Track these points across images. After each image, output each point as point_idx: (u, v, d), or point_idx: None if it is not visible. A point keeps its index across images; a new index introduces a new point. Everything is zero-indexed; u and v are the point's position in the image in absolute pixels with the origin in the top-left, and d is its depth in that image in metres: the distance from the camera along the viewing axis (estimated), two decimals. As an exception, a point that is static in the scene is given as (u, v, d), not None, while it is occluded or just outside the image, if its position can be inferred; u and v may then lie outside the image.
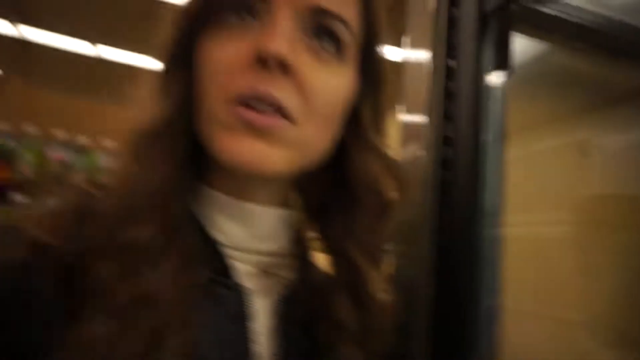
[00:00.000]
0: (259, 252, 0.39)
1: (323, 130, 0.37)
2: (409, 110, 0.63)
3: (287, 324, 0.39)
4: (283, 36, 0.33)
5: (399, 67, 0.64)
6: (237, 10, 0.35)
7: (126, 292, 0.31)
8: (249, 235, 0.39)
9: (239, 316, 0.37)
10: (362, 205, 0.41)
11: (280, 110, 0.34)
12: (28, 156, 2.00)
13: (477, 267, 0.59)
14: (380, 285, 0.41)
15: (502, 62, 0.60)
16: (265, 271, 0.40)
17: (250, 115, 0.33)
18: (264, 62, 0.33)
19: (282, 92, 0.34)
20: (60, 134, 2.10)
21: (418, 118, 0.60)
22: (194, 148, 0.38)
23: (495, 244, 0.64)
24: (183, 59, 0.37)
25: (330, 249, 0.43)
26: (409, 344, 0.57)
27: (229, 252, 0.38)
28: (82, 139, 2.14)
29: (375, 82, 0.41)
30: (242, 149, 0.34)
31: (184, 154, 0.37)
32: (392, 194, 0.41)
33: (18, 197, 1.99)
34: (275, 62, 0.33)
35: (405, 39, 0.67)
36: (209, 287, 0.36)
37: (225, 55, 0.35)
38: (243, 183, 0.39)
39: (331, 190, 0.43)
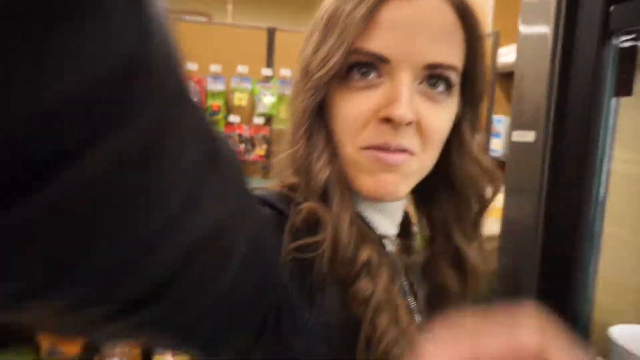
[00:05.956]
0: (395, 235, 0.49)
1: (435, 152, 0.44)
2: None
3: (415, 282, 0.51)
4: (406, 101, 0.38)
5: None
6: (362, 71, 0.40)
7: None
8: (390, 223, 0.48)
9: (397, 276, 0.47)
10: (465, 200, 0.48)
11: (406, 151, 0.41)
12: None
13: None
14: (477, 259, 0.50)
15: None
16: (398, 248, 0.50)
17: (382, 154, 0.40)
18: (391, 122, 0.39)
19: (406, 139, 0.40)
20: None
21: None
22: None
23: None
24: (319, 113, 0.43)
25: (434, 230, 0.51)
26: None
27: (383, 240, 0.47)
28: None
29: (474, 99, 0.46)
30: (378, 184, 0.41)
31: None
32: (488, 193, 0.48)
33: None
34: (401, 123, 0.38)
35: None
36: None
37: (354, 111, 0.40)
38: None
39: (439, 183, 0.49)
